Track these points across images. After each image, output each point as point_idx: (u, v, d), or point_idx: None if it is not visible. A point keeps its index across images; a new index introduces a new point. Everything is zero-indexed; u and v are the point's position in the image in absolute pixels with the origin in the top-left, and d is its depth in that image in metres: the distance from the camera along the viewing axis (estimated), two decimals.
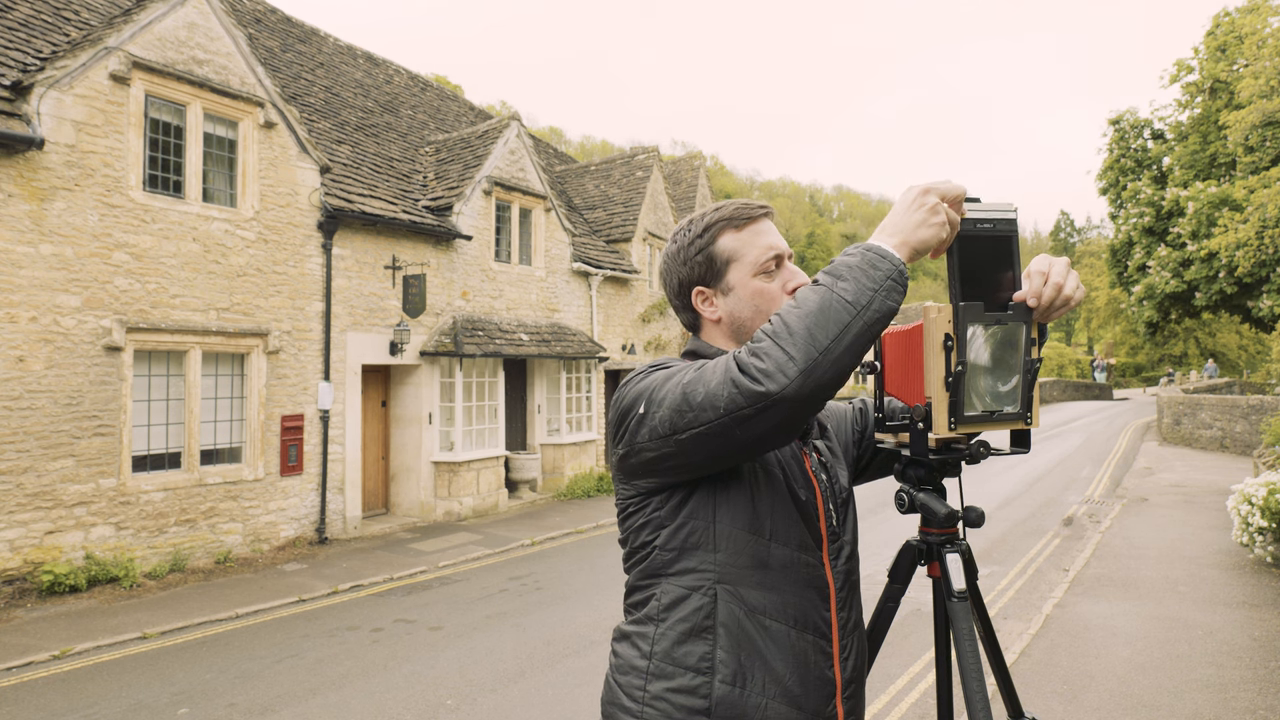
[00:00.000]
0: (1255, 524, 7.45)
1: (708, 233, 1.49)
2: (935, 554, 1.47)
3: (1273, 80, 15.99)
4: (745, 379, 1.14)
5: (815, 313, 1.13)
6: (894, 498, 1.48)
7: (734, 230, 1.47)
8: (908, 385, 1.38)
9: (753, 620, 1.30)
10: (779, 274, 1.46)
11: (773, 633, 1.31)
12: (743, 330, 1.47)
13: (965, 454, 1.41)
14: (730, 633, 1.29)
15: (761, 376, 1.12)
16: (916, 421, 1.36)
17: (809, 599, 1.35)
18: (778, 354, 1.12)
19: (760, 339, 1.16)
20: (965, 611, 1.40)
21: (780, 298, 1.43)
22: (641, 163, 17.66)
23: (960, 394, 1.30)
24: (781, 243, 1.48)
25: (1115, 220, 23.58)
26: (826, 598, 1.37)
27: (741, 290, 1.46)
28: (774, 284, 1.45)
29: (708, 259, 1.48)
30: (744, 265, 1.46)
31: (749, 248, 1.46)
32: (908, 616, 6.33)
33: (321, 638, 6.50)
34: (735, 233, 1.47)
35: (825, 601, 1.37)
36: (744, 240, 1.47)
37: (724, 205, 1.50)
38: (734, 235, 1.47)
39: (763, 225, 1.48)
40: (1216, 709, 4.58)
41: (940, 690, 1.55)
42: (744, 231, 1.47)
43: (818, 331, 1.12)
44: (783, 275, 1.46)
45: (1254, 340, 36.35)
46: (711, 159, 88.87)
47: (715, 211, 1.50)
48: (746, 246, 1.46)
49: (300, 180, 9.97)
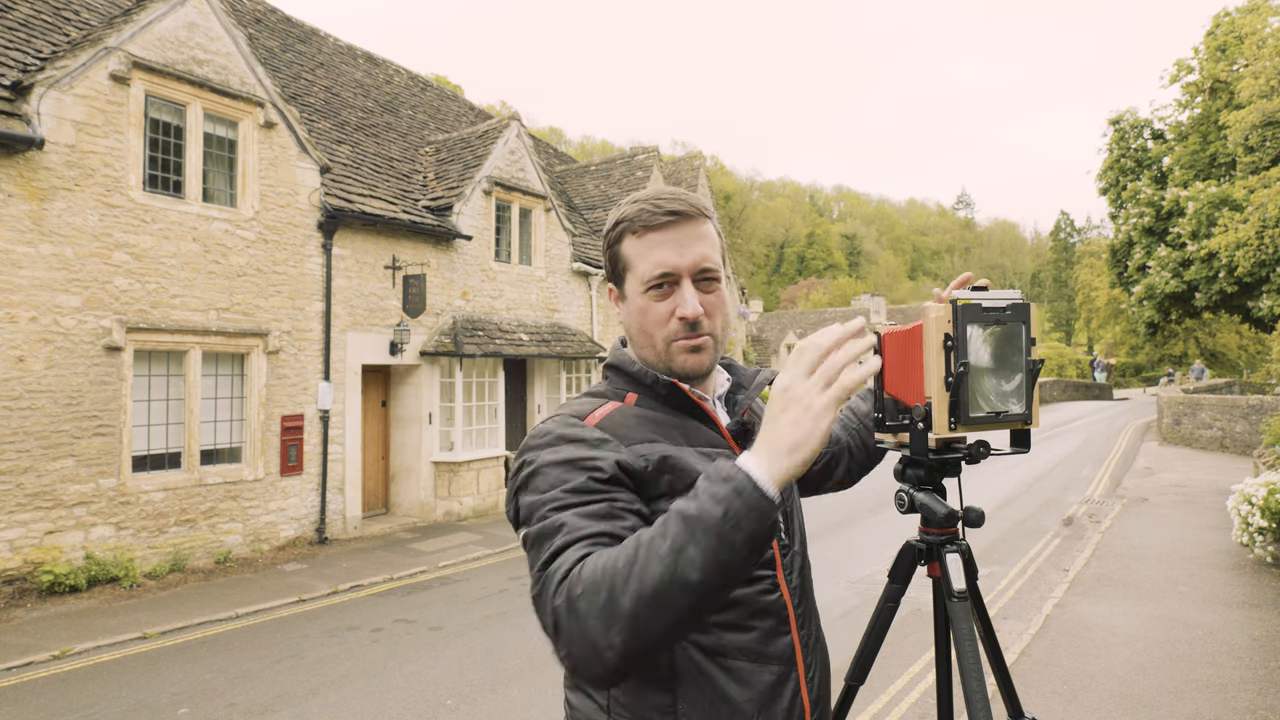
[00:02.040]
0: (1255, 524, 7.45)
1: (613, 231, 1.33)
2: (935, 554, 1.47)
3: (1273, 80, 15.98)
4: (552, 637, 0.99)
5: (650, 596, 0.92)
6: (894, 498, 1.48)
7: (633, 235, 1.29)
8: (907, 385, 1.38)
9: (713, 662, 1.19)
10: (673, 294, 1.27)
11: (735, 672, 1.20)
12: (636, 342, 1.33)
13: (965, 454, 1.41)
14: (690, 679, 1.18)
15: (565, 652, 0.98)
16: (916, 421, 1.36)
17: (768, 627, 1.25)
18: (594, 632, 0.94)
19: (584, 590, 0.95)
20: (965, 611, 1.40)
21: (664, 324, 1.27)
22: (641, 163, 17.67)
23: (963, 395, 1.30)
24: (680, 258, 1.26)
25: (1115, 220, 23.57)
26: (786, 620, 1.27)
27: (632, 303, 1.31)
28: (662, 305, 1.27)
29: (612, 259, 1.34)
30: (635, 277, 1.29)
31: (641, 260, 1.28)
32: (908, 616, 6.33)
33: (321, 638, 6.50)
34: (634, 239, 1.29)
35: (785, 625, 1.27)
36: (638, 251, 1.28)
37: (636, 199, 1.31)
38: (632, 241, 1.29)
39: (667, 234, 1.27)
40: (1216, 709, 4.58)
41: (940, 690, 1.55)
42: (641, 240, 1.28)
43: (647, 617, 0.92)
44: (675, 298, 1.26)
45: (1254, 340, 36.34)
46: (711, 159, 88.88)
47: (625, 206, 1.32)
48: (639, 259, 1.28)
49: (300, 180, 9.97)
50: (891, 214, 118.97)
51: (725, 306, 1.32)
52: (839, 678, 1.52)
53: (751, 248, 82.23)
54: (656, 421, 1.26)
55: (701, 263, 1.27)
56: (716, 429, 1.31)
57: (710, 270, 1.28)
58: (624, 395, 1.31)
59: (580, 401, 1.31)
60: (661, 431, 1.25)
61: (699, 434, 1.28)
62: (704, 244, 1.29)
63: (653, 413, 1.28)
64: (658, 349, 1.29)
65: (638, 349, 1.33)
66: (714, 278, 1.29)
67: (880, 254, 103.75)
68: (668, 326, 1.27)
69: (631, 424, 1.24)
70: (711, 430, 1.30)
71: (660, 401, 1.30)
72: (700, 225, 1.29)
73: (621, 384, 1.34)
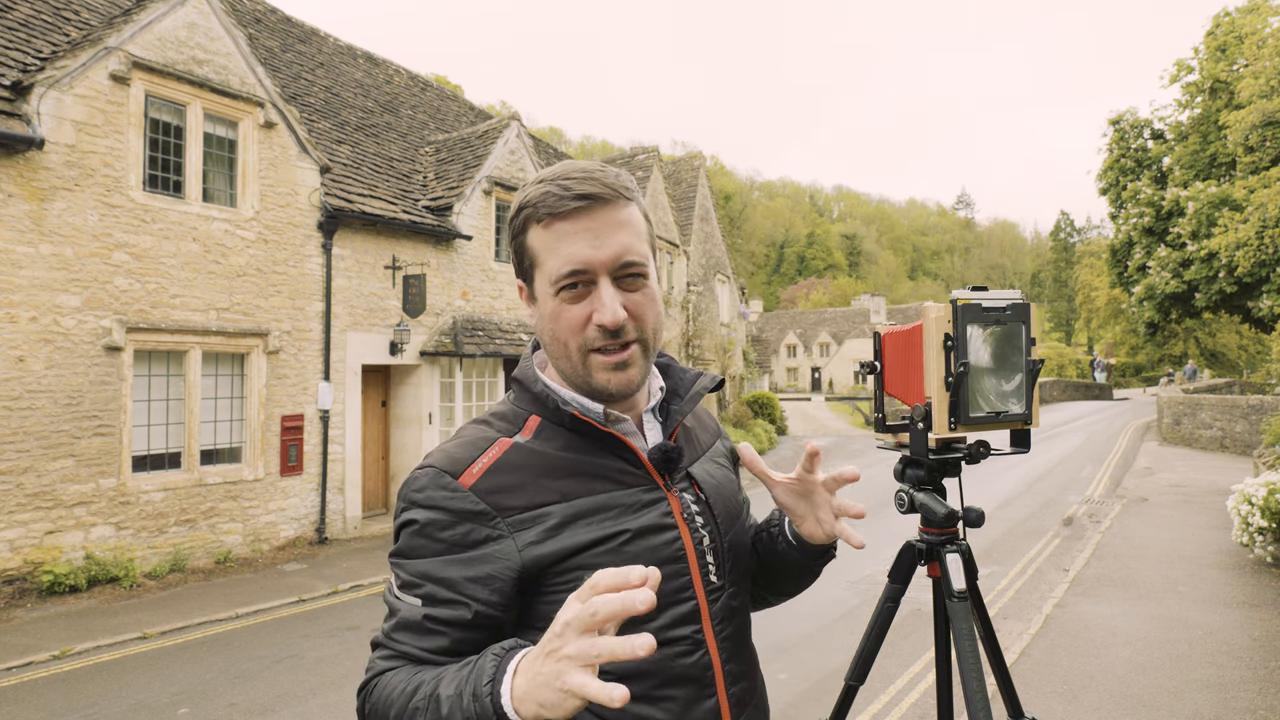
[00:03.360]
0: (1255, 524, 7.45)
1: (517, 218, 1.09)
2: (935, 554, 1.47)
3: (1273, 80, 15.99)
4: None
5: None
6: (894, 498, 1.48)
7: (538, 225, 1.06)
8: (907, 385, 1.38)
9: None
10: (590, 295, 1.05)
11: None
12: (548, 351, 1.11)
13: (965, 454, 1.41)
14: None
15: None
16: (916, 421, 1.36)
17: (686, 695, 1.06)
18: None
19: (369, 712, 1.00)
20: (965, 611, 1.40)
21: (579, 331, 1.05)
22: (641, 163, 17.67)
23: (963, 395, 1.30)
24: (595, 251, 1.03)
25: (1115, 220, 23.57)
26: (710, 683, 1.08)
27: (542, 305, 1.09)
28: (576, 309, 1.05)
29: (519, 253, 1.11)
30: (544, 275, 1.07)
31: (550, 255, 1.05)
32: (908, 616, 6.33)
33: (321, 638, 6.50)
34: (540, 229, 1.06)
35: (710, 688, 1.08)
36: (545, 243, 1.06)
37: (543, 179, 1.07)
38: (538, 232, 1.06)
39: (579, 223, 1.03)
40: (1216, 709, 4.58)
41: (940, 690, 1.55)
42: (548, 230, 1.05)
43: None
44: (592, 299, 1.04)
45: (1254, 340, 36.34)
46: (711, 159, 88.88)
47: (530, 188, 1.08)
48: (547, 252, 1.05)
49: (300, 180, 9.97)
50: (891, 214, 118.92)
51: (656, 304, 1.10)
52: (837, 678, 1.51)
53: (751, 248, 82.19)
54: (553, 465, 1.07)
55: (623, 256, 1.04)
56: (634, 459, 1.10)
57: (635, 264, 1.05)
58: (524, 420, 1.12)
59: (471, 434, 1.12)
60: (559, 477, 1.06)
61: (608, 469, 1.09)
62: (625, 233, 1.05)
63: (553, 449, 1.09)
64: (573, 360, 1.08)
65: (553, 359, 1.11)
66: (640, 273, 1.06)
67: (880, 254, 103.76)
68: (584, 334, 1.05)
69: (518, 476, 1.05)
70: (626, 462, 1.10)
71: (566, 430, 1.10)
72: (620, 210, 1.05)
73: (525, 404, 1.14)
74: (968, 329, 1.29)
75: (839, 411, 36.55)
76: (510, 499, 1.04)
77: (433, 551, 1.02)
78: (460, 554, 1.01)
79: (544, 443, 1.09)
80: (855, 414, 34.16)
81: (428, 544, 1.02)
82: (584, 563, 1.02)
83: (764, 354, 63.20)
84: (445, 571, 1.01)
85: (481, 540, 1.02)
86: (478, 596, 1.00)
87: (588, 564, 1.01)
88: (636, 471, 1.10)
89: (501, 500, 1.03)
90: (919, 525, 1.50)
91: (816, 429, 27.92)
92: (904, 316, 61.07)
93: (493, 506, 1.03)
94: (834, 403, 42.20)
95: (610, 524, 1.05)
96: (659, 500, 1.10)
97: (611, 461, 1.09)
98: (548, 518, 1.03)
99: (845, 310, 67.51)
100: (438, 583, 1.01)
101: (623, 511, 1.06)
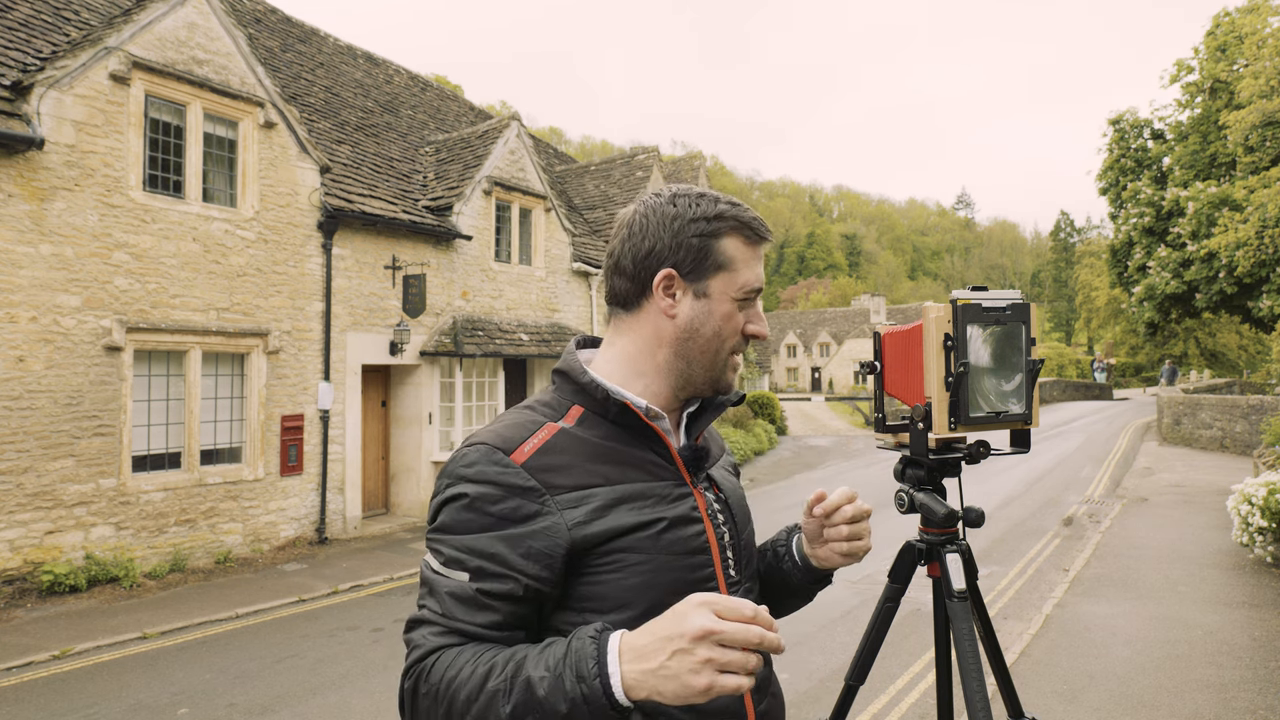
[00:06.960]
0: (1255, 524, 7.45)
1: (718, 221, 1.23)
2: (935, 554, 1.47)
3: (1273, 80, 15.99)
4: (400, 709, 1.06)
5: None
6: (894, 498, 1.48)
7: (743, 241, 1.24)
8: (907, 385, 1.38)
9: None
10: (746, 310, 1.25)
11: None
12: (689, 345, 1.22)
13: (965, 454, 1.42)
14: None
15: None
16: (916, 421, 1.36)
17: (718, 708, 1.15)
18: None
19: (427, 691, 1.01)
20: (965, 611, 1.40)
21: (736, 336, 1.24)
22: (641, 163, 17.66)
23: (963, 395, 1.30)
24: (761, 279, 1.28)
25: (1115, 220, 23.57)
26: (741, 705, 1.17)
27: (717, 305, 1.22)
28: (740, 316, 1.24)
29: (703, 249, 1.22)
30: (732, 281, 1.23)
31: (745, 268, 1.23)
32: (908, 616, 6.32)
33: (321, 638, 6.50)
34: (744, 244, 1.24)
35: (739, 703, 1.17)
36: (745, 257, 1.23)
37: (743, 206, 1.27)
38: (741, 246, 1.23)
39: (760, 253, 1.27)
40: (1216, 709, 4.58)
41: (940, 690, 1.55)
42: (750, 248, 1.25)
43: None
44: (749, 311, 1.26)
45: (1254, 340, 36.36)
46: (711, 159, 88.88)
47: (734, 207, 1.25)
48: (744, 265, 1.23)
49: (300, 180, 9.97)
50: (891, 214, 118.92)
51: None
52: (837, 678, 1.51)
53: None
54: (596, 451, 1.15)
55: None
56: (667, 454, 1.20)
57: None
58: (568, 408, 1.21)
59: (518, 417, 1.19)
60: (602, 462, 1.14)
61: (644, 461, 1.18)
62: None
63: (595, 437, 1.17)
64: (720, 356, 1.23)
65: (695, 351, 1.23)
66: None
67: (880, 254, 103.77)
68: (736, 339, 1.24)
69: (566, 458, 1.13)
70: (660, 456, 1.19)
71: (608, 421, 1.19)
72: None
73: (568, 395, 1.23)
74: (968, 329, 1.29)
75: (839, 411, 36.53)
76: (559, 478, 1.10)
77: (481, 526, 1.06)
78: (511, 529, 1.06)
79: (587, 430, 1.17)
80: (855, 414, 34.14)
81: (476, 518, 1.07)
82: (625, 545, 1.09)
83: (764, 354, 63.22)
84: (495, 547, 1.06)
85: (532, 515, 1.07)
86: (528, 571, 1.05)
87: (629, 547, 1.09)
88: (668, 466, 1.20)
89: (551, 479, 1.10)
90: (919, 525, 1.50)
91: (816, 429, 27.90)
92: (904, 316, 61.05)
93: (543, 484, 1.09)
94: (834, 403, 42.17)
95: (649, 511, 1.13)
96: (687, 495, 1.19)
97: (646, 454, 1.18)
98: (593, 499, 1.10)
99: (845, 310, 67.53)
100: (488, 558, 1.05)
101: (658, 501, 1.15)
